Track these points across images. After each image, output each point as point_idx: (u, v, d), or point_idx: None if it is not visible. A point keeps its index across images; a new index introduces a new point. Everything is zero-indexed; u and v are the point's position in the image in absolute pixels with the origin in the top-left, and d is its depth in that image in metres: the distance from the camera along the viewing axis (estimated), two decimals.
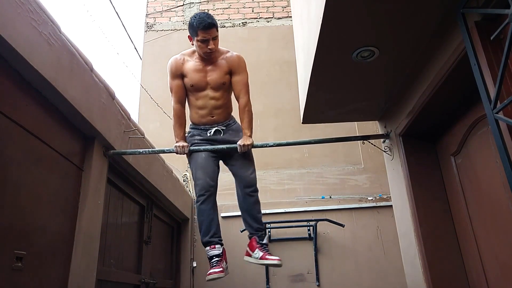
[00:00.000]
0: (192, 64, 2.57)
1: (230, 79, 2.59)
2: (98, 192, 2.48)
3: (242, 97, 2.56)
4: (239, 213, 4.91)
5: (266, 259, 2.46)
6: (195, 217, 4.94)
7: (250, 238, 2.59)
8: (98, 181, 2.48)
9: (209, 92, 2.54)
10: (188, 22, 2.60)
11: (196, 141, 2.63)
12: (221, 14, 6.15)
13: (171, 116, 5.45)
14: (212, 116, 2.60)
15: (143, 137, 3.16)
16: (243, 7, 6.19)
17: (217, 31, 2.48)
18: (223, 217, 4.91)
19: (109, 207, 2.82)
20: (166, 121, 5.32)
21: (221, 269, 2.41)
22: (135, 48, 6.22)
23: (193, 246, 4.80)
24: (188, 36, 2.54)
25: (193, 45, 2.54)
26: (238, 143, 2.54)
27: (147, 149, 2.96)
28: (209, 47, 2.44)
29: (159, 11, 6.16)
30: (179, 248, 4.69)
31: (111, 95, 2.64)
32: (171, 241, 4.55)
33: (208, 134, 2.61)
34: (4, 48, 1.63)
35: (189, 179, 5.12)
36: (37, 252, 1.90)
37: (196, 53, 2.58)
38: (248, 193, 2.58)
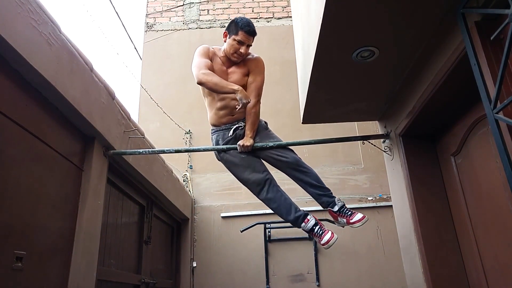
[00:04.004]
0: (217, 63, 2.61)
1: None
2: (98, 192, 2.48)
3: (251, 99, 2.55)
4: (239, 213, 4.98)
5: (350, 223, 2.42)
6: (195, 217, 4.95)
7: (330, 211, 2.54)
8: (98, 181, 2.48)
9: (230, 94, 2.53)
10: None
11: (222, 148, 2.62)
12: (221, 14, 6.15)
13: (171, 116, 5.45)
14: (233, 115, 2.61)
15: (143, 137, 3.16)
16: (243, 7, 6.19)
17: (253, 41, 2.58)
18: (223, 217, 4.92)
19: (109, 207, 2.82)
20: (166, 121, 5.32)
21: (330, 232, 2.35)
22: (135, 48, 6.23)
23: (193, 246, 4.80)
24: (224, 32, 2.59)
25: (225, 41, 2.59)
26: (238, 143, 2.55)
27: (147, 149, 2.96)
28: (241, 50, 2.53)
29: (159, 11, 6.16)
30: (179, 248, 4.70)
31: (111, 95, 2.64)
32: (171, 241, 4.55)
33: (229, 135, 2.61)
34: (4, 48, 1.63)
35: (189, 179, 5.13)
36: (37, 252, 1.90)
37: (221, 53, 2.62)
38: (298, 170, 2.53)
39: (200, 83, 2.43)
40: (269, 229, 4.68)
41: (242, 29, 2.50)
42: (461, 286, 2.28)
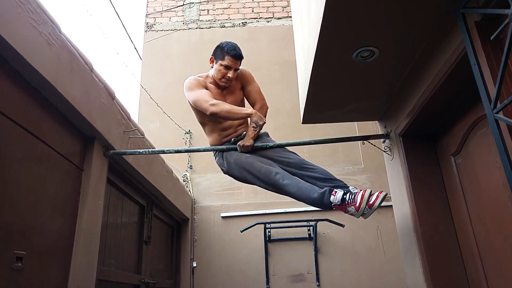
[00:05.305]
0: (211, 88, 2.60)
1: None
2: (98, 192, 2.48)
3: (257, 103, 2.66)
4: (239, 213, 4.98)
5: (373, 203, 2.21)
6: (195, 217, 4.95)
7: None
8: (98, 181, 2.48)
9: None
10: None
11: (229, 155, 2.60)
12: (221, 14, 6.15)
13: (171, 116, 5.45)
14: (236, 132, 2.65)
15: (143, 137, 3.16)
16: (243, 7, 6.19)
17: (240, 65, 2.59)
18: (223, 217, 4.92)
19: (109, 207, 2.82)
20: (166, 121, 5.32)
21: (362, 191, 2.22)
22: (135, 48, 6.23)
23: (193, 246, 4.80)
24: (211, 58, 2.60)
25: (212, 67, 2.61)
26: (238, 143, 2.55)
27: (147, 149, 2.96)
28: (228, 75, 2.53)
29: (159, 11, 6.16)
30: (179, 248, 4.70)
31: (111, 95, 2.64)
32: (171, 241, 4.55)
33: (232, 141, 2.64)
34: (4, 48, 1.63)
35: (189, 179, 5.13)
36: (37, 252, 1.90)
37: (210, 79, 2.63)
38: (304, 168, 2.51)
39: (212, 114, 2.40)
40: (269, 229, 4.68)
41: (228, 53, 2.49)
42: (461, 286, 2.28)
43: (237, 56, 2.52)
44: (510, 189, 1.46)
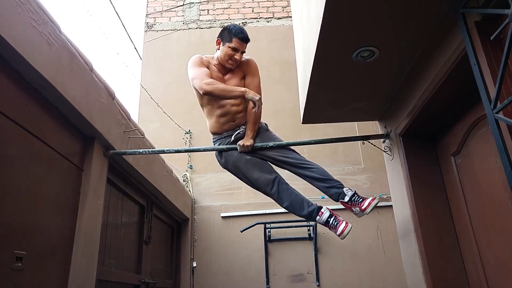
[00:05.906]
0: (213, 70, 2.61)
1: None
2: (98, 192, 2.48)
3: None
4: (239, 213, 4.98)
5: (365, 208, 2.41)
6: (195, 217, 4.95)
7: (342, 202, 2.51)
8: (98, 181, 2.48)
9: (230, 100, 2.55)
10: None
11: (228, 155, 2.63)
12: (221, 14, 6.15)
13: (171, 116, 5.45)
14: (234, 121, 2.64)
15: (143, 137, 3.16)
16: (243, 7, 6.19)
17: (246, 48, 2.60)
18: (223, 217, 4.92)
19: (109, 207, 2.82)
20: (166, 121, 5.33)
21: (345, 222, 2.39)
22: (135, 48, 6.23)
23: (193, 246, 4.80)
24: (217, 40, 2.61)
25: (218, 49, 2.61)
26: (238, 143, 2.56)
27: (147, 149, 2.96)
28: (236, 57, 2.54)
29: (159, 11, 6.16)
30: (179, 248, 4.70)
31: (111, 95, 2.64)
32: (171, 241, 4.55)
33: (231, 141, 2.64)
34: (4, 48, 1.63)
35: (189, 179, 5.13)
36: (37, 252, 1.90)
37: (215, 61, 2.64)
38: (302, 167, 2.56)
39: (206, 93, 2.43)
40: (269, 229, 4.68)
41: (236, 35, 2.52)
42: (461, 286, 2.28)
43: (244, 38, 2.55)
44: (510, 189, 1.46)
